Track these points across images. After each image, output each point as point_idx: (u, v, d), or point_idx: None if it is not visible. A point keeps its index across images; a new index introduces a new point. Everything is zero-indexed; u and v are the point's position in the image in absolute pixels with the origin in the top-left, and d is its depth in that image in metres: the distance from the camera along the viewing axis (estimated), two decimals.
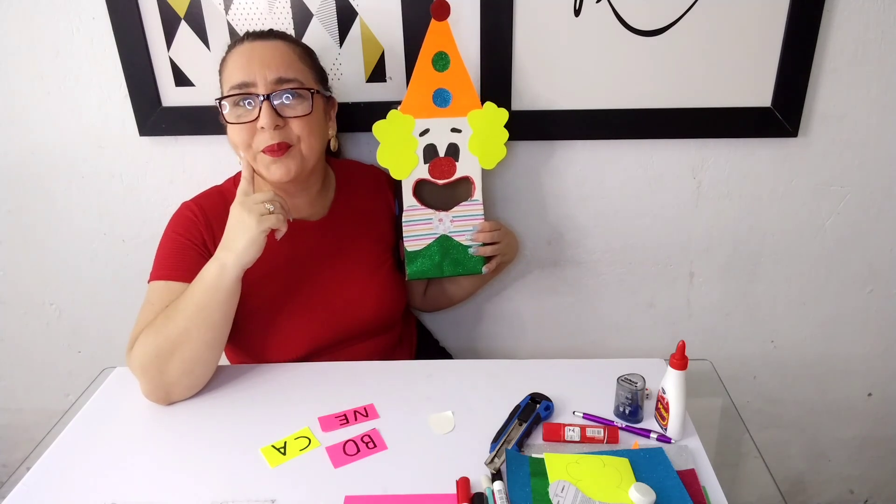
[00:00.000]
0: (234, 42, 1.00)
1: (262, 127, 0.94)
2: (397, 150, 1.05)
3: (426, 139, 1.06)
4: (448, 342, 1.40)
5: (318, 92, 1.00)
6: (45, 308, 1.42)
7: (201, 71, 1.17)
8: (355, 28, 1.13)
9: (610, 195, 1.26)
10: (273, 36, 1.00)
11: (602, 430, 0.86)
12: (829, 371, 1.41)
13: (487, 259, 1.12)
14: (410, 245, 1.10)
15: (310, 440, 0.88)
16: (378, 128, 1.04)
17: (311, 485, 0.81)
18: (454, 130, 1.07)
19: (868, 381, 1.42)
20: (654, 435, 0.87)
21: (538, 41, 1.13)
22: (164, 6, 1.12)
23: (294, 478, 0.82)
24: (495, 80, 1.15)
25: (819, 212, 1.26)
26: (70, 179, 1.28)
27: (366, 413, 0.94)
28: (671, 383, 0.85)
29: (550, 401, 0.92)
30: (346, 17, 1.13)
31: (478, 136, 1.07)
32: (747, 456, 1.20)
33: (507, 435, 0.86)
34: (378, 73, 1.17)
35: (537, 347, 1.42)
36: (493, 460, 0.82)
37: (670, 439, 0.87)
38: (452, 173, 1.09)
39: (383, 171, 1.11)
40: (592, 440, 0.86)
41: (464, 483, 0.79)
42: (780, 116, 1.15)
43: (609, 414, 0.92)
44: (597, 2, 1.10)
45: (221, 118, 0.99)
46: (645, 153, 1.22)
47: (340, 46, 1.15)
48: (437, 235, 1.11)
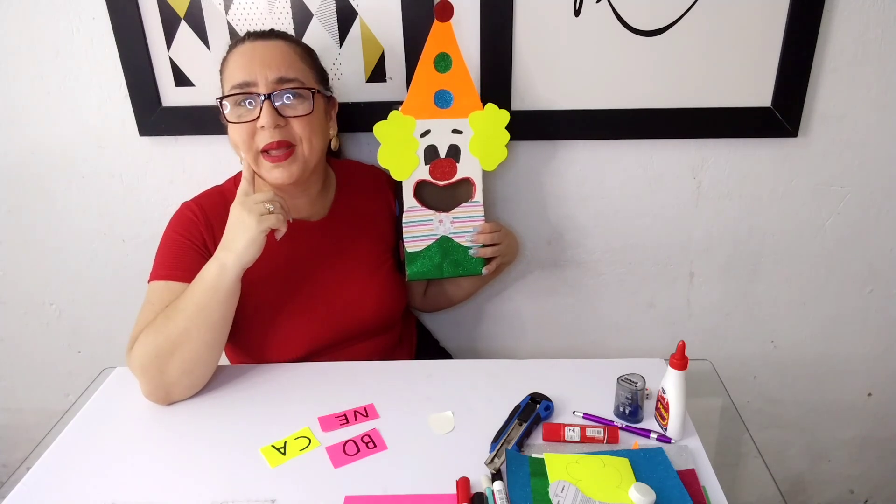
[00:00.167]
0: (235, 42, 1.00)
1: (263, 126, 0.95)
2: (398, 150, 1.05)
3: (427, 140, 1.06)
4: (448, 342, 1.40)
5: (318, 92, 1.00)
6: (45, 308, 1.42)
7: (201, 71, 1.17)
8: (355, 28, 1.13)
9: (610, 195, 1.26)
10: (274, 36, 1.00)
11: (602, 430, 0.86)
12: (829, 371, 1.41)
13: (487, 260, 1.12)
14: (410, 246, 1.10)
15: (310, 440, 0.88)
16: (379, 128, 1.04)
17: (311, 485, 0.81)
18: (455, 132, 1.07)
19: (868, 381, 1.42)
20: (654, 435, 0.87)
21: (538, 41, 1.13)
22: (164, 6, 1.12)
23: (294, 478, 0.82)
24: (495, 80, 1.15)
25: (819, 212, 1.26)
26: (70, 179, 1.28)
27: (366, 413, 0.94)
28: (671, 383, 0.85)
29: (550, 401, 0.92)
30: (346, 17, 1.13)
31: (479, 137, 1.07)
32: (747, 456, 1.20)
33: (507, 435, 0.86)
34: (378, 73, 1.17)
35: (537, 347, 1.42)
36: (493, 460, 0.82)
37: (670, 439, 0.87)
38: (453, 174, 1.09)
39: (384, 172, 1.11)
40: (592, 440, 0.86)
41: (464, 483, 0.79)
42: (780, 116, 1.15)
43: (609, 414, 0.92)
44: (597, 2, 1.10)
45: (222, 118, 0.99)
46: (645, 153, 1.22)
47: (340, 46, 1.15)
48: (438, 236, 1.11)
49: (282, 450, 0.87)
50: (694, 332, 1.38)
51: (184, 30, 1.14)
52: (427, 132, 1.06)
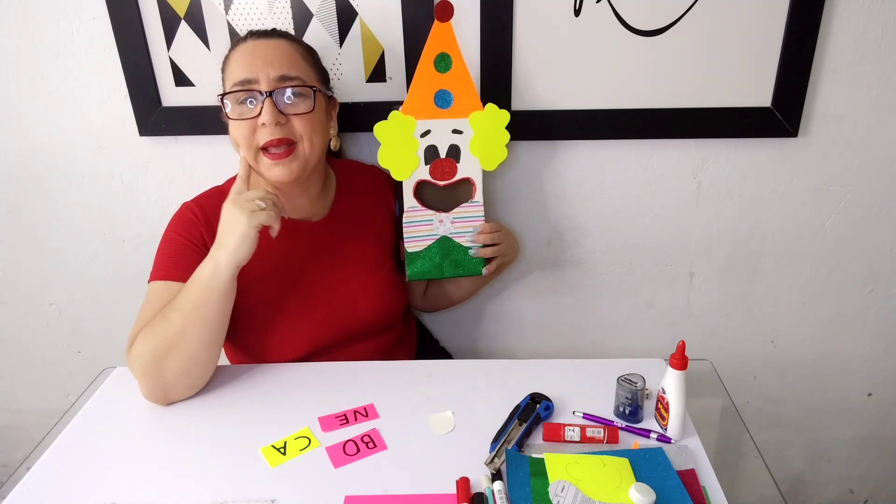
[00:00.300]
0: (237, 40, 1.01)
1: (264, 123, 0.95)
2: (398, 150, 1.05)
3: (427, 140, 1.06)
4: (448, 342, 1.40)
5: (319, 90, 1.00)
6: (45, 308, 1.42)
7: (201, 71, 1.17)
8: (355, 28, 1.13)
9: (610, 195, 1.26)
10: (276, 35, 1.00)
11: (602, 430, 0.86)
12: (829, 371, 1.41)
13: (488, 260, 1.12)
14: (411, 246, 1.10)
15: (310, 440, 0.88)
16: (379, 128, 1.04)
17: (311, 485, 0.81)
18: (455, 132, 1.07)
19: (868, 381, 1.42)
20: (654, 435, 0.87)
21: (538, 41, 1.13)
22: (164, 6, 1.12)
23: (294, 478, 0.82)
24: (495, 80, 1.15)
25: (819, 212, 1.26)
26: (70, 179, 1.28)
27: (366, 413, 0.94)
28: (671, 383, 0.85)
29: (550, 401, 0.92)
30: (346, 17, 1.13)
31: (479, 137, 1.07)
32: (747, 456, 1.20)
33: (507, 435, 0.86)
34: (378, 73, 1.17)
35: (537, 347, 1.42)
36: (493, 460, 0.82)
37: (670, 439, 0.87)
38: (453, 174, 1.09)
39: (384, 172, 1.11)
40: (592, 440, 0.86)
41: (464, 483, 0.79)
42: (780, 116, 1.15)
43: (609, 414, 0.92)
44: (597, 2, 1.10)
45: (223, 115, 0.99)
46: (645, 153, 1.22)
47: (340, 46, 1.15)
48: (438, 236, 1.11)
49: (282, 450, 0.87)
50: (694, 332, 1.38)
51: (184, 30, 1.14)
52: (427, 132, 1.06)
